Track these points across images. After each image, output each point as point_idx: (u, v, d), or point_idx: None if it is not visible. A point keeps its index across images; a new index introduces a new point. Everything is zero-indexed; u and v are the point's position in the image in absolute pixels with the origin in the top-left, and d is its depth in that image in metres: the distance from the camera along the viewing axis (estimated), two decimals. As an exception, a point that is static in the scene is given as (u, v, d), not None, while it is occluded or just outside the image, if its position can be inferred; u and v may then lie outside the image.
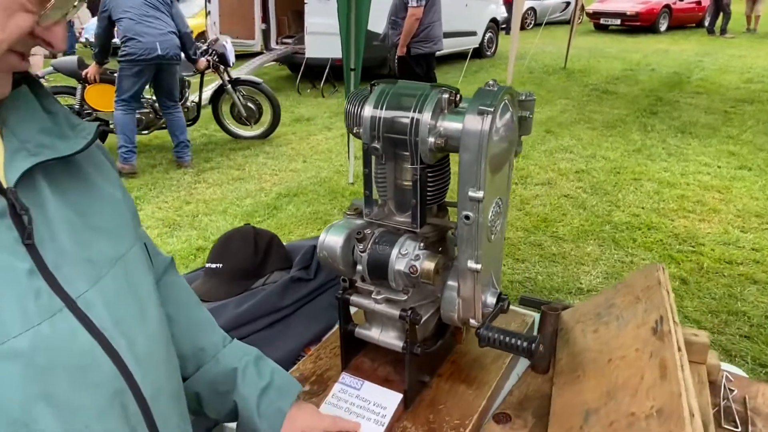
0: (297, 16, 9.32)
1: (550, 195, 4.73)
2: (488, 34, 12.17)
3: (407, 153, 1.03)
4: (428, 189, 1.07)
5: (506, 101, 0.99)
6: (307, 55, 8.52)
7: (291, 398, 0.96)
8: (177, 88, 5.34)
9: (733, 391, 1.23)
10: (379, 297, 1.09)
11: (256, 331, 1.36)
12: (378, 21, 6.40)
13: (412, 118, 1.00)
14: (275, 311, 1.40)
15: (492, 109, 0.93)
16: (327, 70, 8.46)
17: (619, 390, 1.08)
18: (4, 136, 0.62)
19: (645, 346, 1.13)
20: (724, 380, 1.25)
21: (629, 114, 7.26)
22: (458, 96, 1.02)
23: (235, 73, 8.66)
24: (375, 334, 1.17)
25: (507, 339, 1.00)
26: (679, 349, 1.07)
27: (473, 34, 11.47)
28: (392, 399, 1.12)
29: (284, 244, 1.64)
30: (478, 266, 1.02)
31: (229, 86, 6.01)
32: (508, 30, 12.85)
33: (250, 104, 6.20)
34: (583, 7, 11.47)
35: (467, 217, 0.99)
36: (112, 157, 0.80)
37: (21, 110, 0.64)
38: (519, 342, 1.00)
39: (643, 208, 4.45)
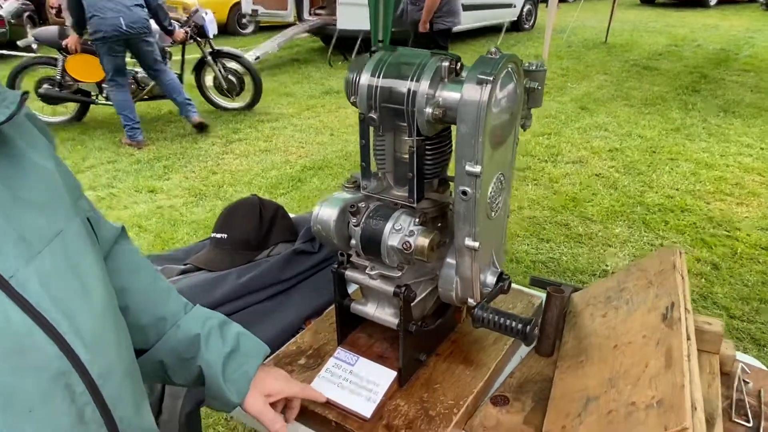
0: (330, -14, 9.20)
1: (580, 174, 4.60)
2: (527, 7, 11.79)
3: (405, 124, 0.99)
4: (427, 162, 1.03)
5: (509, 70, 0.93)
6: (338, 27, 8.42)
7: (257, 361, 0.94)
8: (157, 56, 5.24)
9: (748, 383, 1.16)
10: (373, 273, 1.06)
11: (257, 302, 1.36)
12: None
13: (409, 88, 0.95)
14: (277, 283, 1.39)
15: (492, 78, 0.87)
16: (359, 42, 8.35)
17: (621, 378, 1.03)
18: None
19: (653, 333, 1.08)
20: (739, 372, 1.18)
21: (670, 91, 6.97)
22: (459, 64, 0.97)
23: (267, 45, 8.72)
24: (371, 310, 1.14)
25: (501, 320, 0.96)
26: (688, 338, 1.01)
27: (510, 6, 11.14)
28: (386, 376, 1.10)
29: (291, 216, 1.62)
30: (476, 244, 0.98)
31: (210, 58, 5.93)
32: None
33: (231, 77, 6.16)
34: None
35: (464, 193, 0.94)
36: (47, 127, 0.75)
37: None
38: (513, 324, 0.95)
39: (677, 189, 4.29)
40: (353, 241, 1.04)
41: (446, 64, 0.95)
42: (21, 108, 0.62)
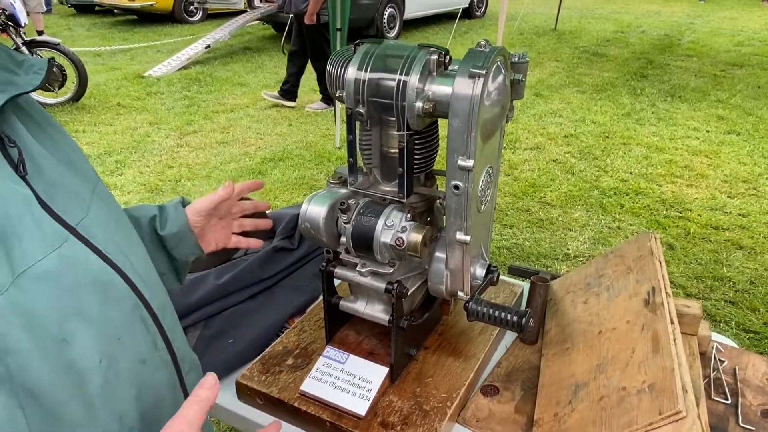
0: (281, -27, 9.00)
1: (538, 160, 4.69)
2: (478, -6, 11.90)
3: (393, 118, 0.97)
4: (416, 157, 1.02)
5: (499, 63, 0.93)
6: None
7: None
8: None
9: (723, 362, 1.21)
10: (364, 270, 1.05)
11: (238, 302, 1.32)
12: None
13: (399, 81, 0.93)
14: (257, 282, 1.36)
15: (484, 72, 0.87)
16: (313, 30, 8.22)
17: (609, 363, 1.05)
18: None
19: (637, 318, 1.11)
20: (714, 351, 1.23)
21: (619, 77, 7.17)
22: (448, 57, 0.96)
23: (218, 33, 8.49)
24: (360, 307, 1.13)
25: (497, 313, 0.97)
26: (672, 322, 1.04)
27: (462, -7, 11.20)
28: (378, 373, 1.09)
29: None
30: (467, 238, 0.98)
31: (24, 48, 5.50)
32: (498, -10, 12.53)
33: (51, 68, 5.85)
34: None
35: (456, 187, 0.94)
36: None
37: None
38: (509, 316, 0.96)
39: (631, 173, 4.43)
40: (343, 239, 1.02)
41: (435, 57, 0.94)
42: (49, 72, 0.67)
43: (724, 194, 4.05)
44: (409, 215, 1.00)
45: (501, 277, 1.49)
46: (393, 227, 0.98)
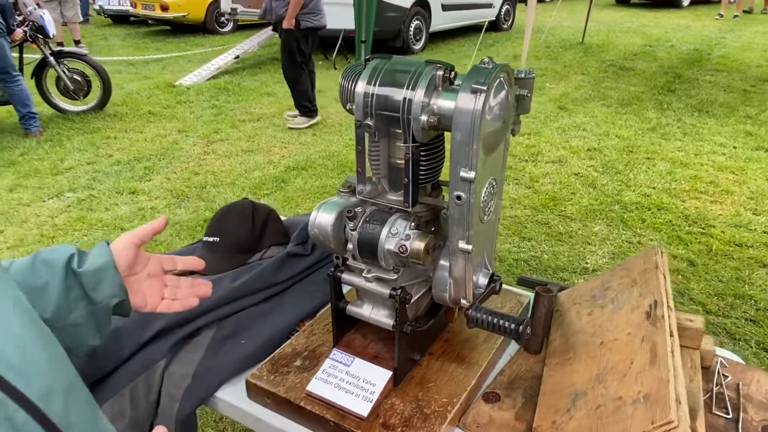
0: (310, -15, 9.16)
1: (560, 173, 4.68)
2: (505, 7, 11.91)
3: (400, 131, 1.02)
4: (421, 168, 1.06)
5: (501, 79, 0.97)
6: (319, 26, 8.41)
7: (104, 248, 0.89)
8: (6, 60, 5.17)
9: (726, 377, 1.22)
10: (369, 275, 1.09)
11: (252, 305, 1.37)
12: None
13: (405, 96, 0.98)
14: (271, 286, 1.41)
15: (485, 88, 0.91)
16: (339, 42, 8.36)
17: (608, 374, 1.07)
18: None
19: (637, 330, 1.12)
20: (718, 366, 1.23)
21: (646, 91, 7.11)
22: (453, 73, 1.00)
23: (247, 44, 8.67)
24: (366, 311, 1.17)
25: (495, 320, 1.00)
26: (671, 335, 1.06)
27: (489, 6, 11.24)
28: (381, 376, 1.13)
29: (282, 219, 1.64)
30: (469, 247, 1.01)
31: (51, 59, 5.75)
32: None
33: (76, 77, 5.99)
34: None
35: (459, 198, 0.98)
36: None
37: None
38: (507, 324, 0.99)
39: (654, 188, 4.39)
40: (350, 245, 1.07)
41: (440, 72, 0.98)
42: None
43: (749, 211, 3.99)
44: (413, 224, 1.04)
45: (510, 287, 1.52)
46: (397, 235, 1.02)
